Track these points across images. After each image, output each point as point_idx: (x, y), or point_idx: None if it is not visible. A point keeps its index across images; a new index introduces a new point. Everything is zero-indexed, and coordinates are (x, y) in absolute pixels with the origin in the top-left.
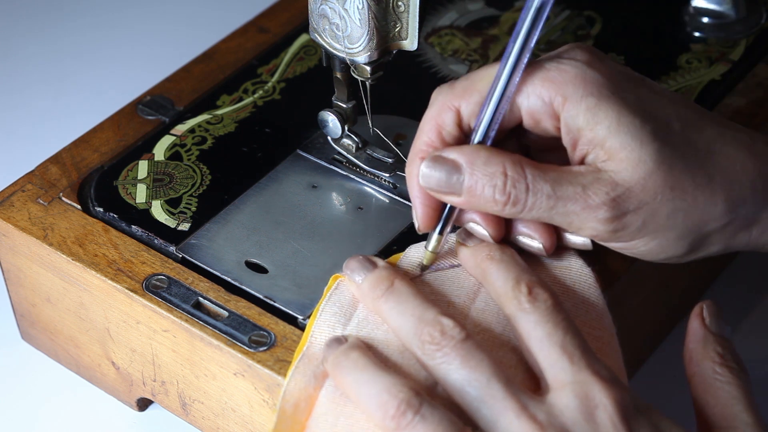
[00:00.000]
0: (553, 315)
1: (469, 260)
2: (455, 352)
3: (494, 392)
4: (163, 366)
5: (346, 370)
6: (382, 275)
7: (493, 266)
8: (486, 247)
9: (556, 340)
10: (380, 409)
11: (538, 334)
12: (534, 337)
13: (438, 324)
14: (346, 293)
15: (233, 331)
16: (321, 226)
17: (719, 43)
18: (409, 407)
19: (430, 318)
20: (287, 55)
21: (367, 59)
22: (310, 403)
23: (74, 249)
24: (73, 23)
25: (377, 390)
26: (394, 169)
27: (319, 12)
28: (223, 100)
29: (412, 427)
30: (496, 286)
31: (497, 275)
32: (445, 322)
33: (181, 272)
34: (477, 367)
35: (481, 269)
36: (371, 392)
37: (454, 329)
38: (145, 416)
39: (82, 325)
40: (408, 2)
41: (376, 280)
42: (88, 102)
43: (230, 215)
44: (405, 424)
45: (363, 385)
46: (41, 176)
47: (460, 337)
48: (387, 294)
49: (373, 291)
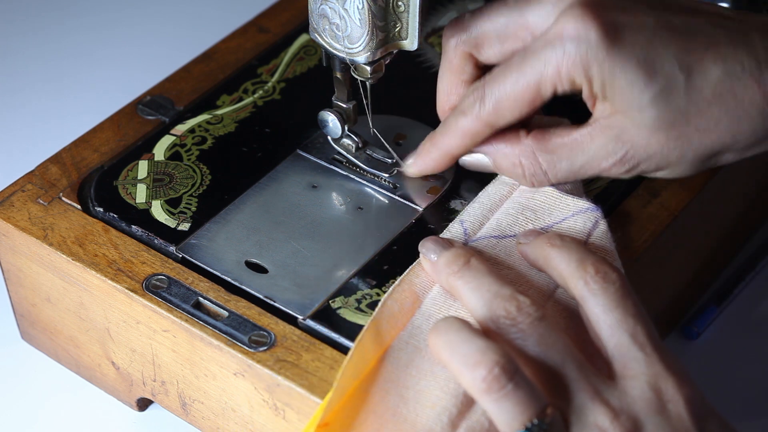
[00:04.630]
0: (623, 300)
1: (530, 252)
2: (531, 329)
3: (569, 372)
4: (163, 366)
5: (440, 330)
6: (459, 252)
7: (554, 251)
8: (545, 237)
9: (626, 328)
10: (472, 369)
11: (608, 320)
12: (605, 322)
13: (514, 300)
14: (421, 275)
15: (233, 331)
16: (321, 226)
17: None
18: (503, 372)
19: (506, 294)
20: (287, 55)
21: (367, 59)
22: (382, 347)
23: (74, 249)
24: (73, 23)
25: (471, 350)
26: (394, 169)
27: (319, 12)
28: (223, 100)
29: (505, 395)
30: (561, 269)
31: (560, 258)
32: (521, 299)
33: (181, 272)
34: (554, 345)
35: (543, 256)
36: (464, 353)
37: (530, 307)
38: (145, 416)
39: (82, 325)
40: (408, 2)
41: (452, 257)
42: (88, 102)
43: (230, 215)
44: (498, 388)
45: (457, 345)
46: (41, 176)
47: (537, 315)
48: (463, 269)
49: (449, 267)
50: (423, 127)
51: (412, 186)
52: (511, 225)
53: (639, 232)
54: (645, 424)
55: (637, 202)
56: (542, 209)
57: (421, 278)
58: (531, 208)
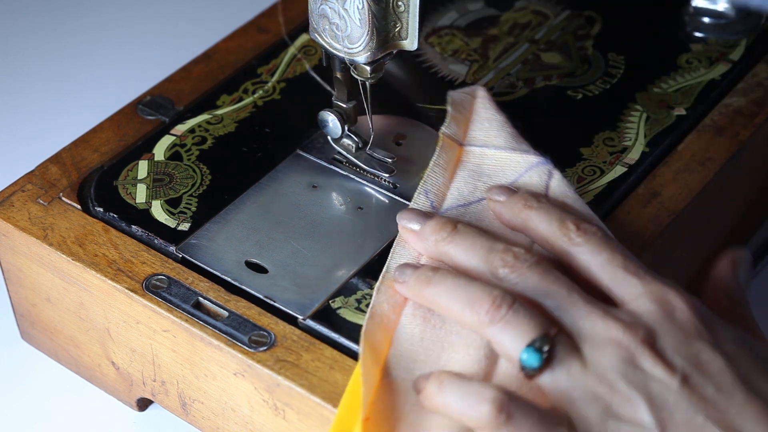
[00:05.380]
0: (607, 244)
1: (505, 213)
2: (531, 271)
3: (575, 301)
4: (163, 366)
5: (436, 280)
6: (444, 220)
7: (533, 213)
8: (521, 197)
9: (617, 263)
10: (474, 306)
11: (597, 260)
12: (594, 264)
13: (510, 251)
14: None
15: (233, 331)
16: (321, 226)
17: (719, 43)
18: (503, 301)
19: (500, 247)
20: (287, 55)
21: (367, 59)
22: (389, 331)
23: (74, 249)
24: (73, 23)
25: (469, 291)
26: (394, 169)
27: (319, 12)
28: (223, 100)
29: (507, 321)
30: (541, 230)
31: (540, 219)
32: (516, 249)
33: (181, 272)
34: (556, 281)
35: (522, 218)
36: (463, 295)
37: (526, 254)
38: (145, 416)
39: (82, 325)
40: (408, 2)
41: (438, 225)
42: (88, 102)
43: (230, 215)
44: (499, 317)
45: (455, 290)
46: (41, 176)
47: (534, 260)
48: (452, 235)
49: (436, 234)
50: (423, 127)
51: (412, 186)
52: (473, 192)
53: (639, 232)
54: (657, 332)
55: (637, 202)
56: (495, 172)
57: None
58: (486, 174)
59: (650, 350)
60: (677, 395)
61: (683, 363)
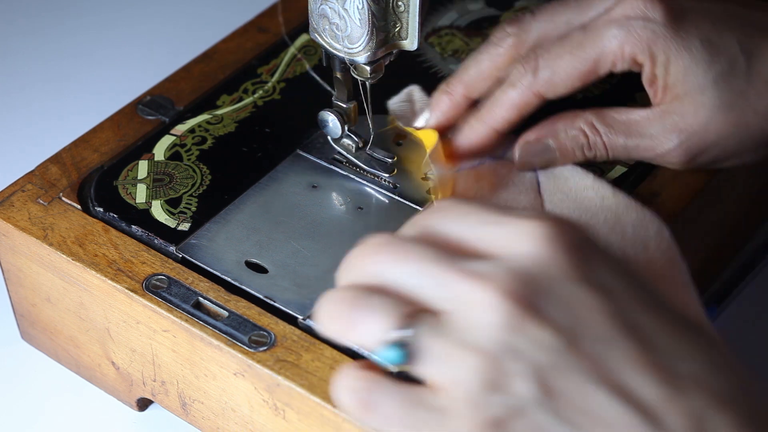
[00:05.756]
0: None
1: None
2: (390, 260)
3: (428, 269)
4: (163, 366)
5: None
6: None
7: None
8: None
9: (479, 218)
10: (333, 317)
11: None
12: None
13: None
14: None
15: (233, 331)
16: (321, 226)
17: None
18: (351, 303)
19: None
20: (287, 55)
21: (367, 59)
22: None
23: (74, 249)
24: (73, 23)
25: (324, 307)
26: (394, 169)
27: (319, 12)
28: (223, 100)
29: (360, 321)
30: None
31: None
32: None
33: (181, 272)
34: (409, 258)
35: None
36: (324, 309)
37: (381, 244)
38: (145, 416)
39: (82, 325)
40: (408, 2)
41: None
42: (88, 102)
43: (230, 215)
44: (354, 320)
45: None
46: (41, 176)
47: (391, 245)
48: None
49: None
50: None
51: (412, 186)
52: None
53: None
54: (527, 281)
55: (637, 202)
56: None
57: None
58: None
59: (523, 307)
60: (560, 357)
61: (562, 317)
